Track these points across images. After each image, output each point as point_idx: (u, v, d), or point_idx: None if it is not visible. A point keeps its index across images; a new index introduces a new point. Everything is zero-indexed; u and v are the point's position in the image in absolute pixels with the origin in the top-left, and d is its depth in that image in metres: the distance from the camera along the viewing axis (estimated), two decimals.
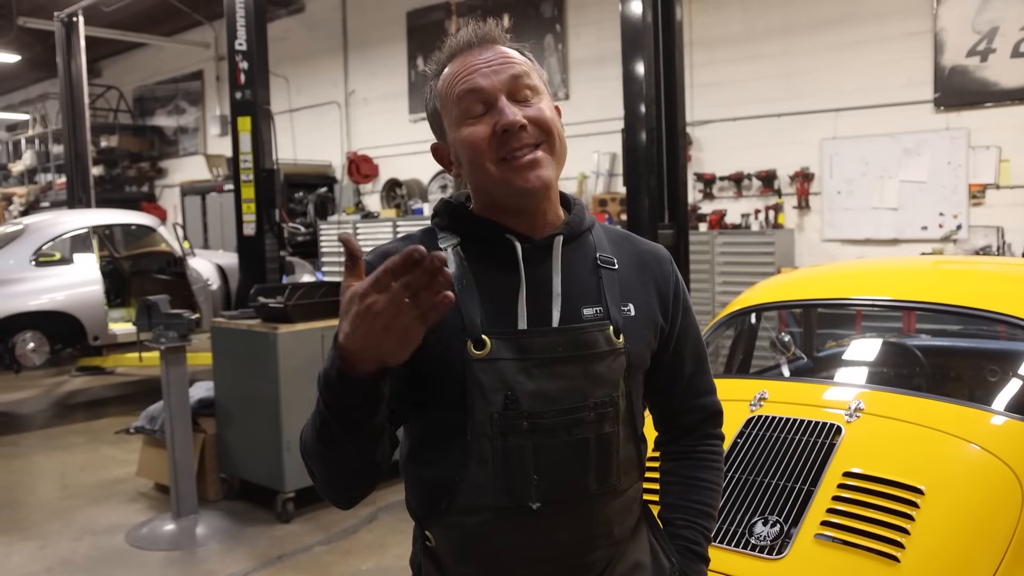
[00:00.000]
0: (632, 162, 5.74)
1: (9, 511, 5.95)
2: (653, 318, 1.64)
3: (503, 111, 1.47)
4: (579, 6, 10.74)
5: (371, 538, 5.23)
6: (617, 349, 1.54)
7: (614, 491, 1.56)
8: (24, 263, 8.57)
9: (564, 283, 1.54)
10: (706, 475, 1.76)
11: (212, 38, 16.10)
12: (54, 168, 18.04)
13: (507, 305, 1.52)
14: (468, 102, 1.50)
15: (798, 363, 4.15)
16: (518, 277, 1.53)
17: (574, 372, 1.50)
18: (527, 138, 1.48)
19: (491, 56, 1.51)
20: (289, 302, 5.54)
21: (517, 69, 1.51)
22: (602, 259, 1.61)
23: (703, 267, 8.26)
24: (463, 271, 1.53)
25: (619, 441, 1.55)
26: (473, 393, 1.47)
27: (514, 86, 1.50)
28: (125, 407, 8.96)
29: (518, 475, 1.48)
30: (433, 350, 1.48)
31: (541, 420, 1.48)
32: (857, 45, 8.41)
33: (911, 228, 8.16)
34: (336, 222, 12.07)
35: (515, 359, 1.48)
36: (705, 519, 1.73)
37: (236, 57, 7.53)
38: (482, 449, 1.48)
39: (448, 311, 1.42)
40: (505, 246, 1.55)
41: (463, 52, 1.54)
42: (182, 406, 5.39)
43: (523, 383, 1.48)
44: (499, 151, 1.48)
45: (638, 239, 1.74)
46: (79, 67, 11.77)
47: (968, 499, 2.33)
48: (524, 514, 1.49)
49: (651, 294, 1.65)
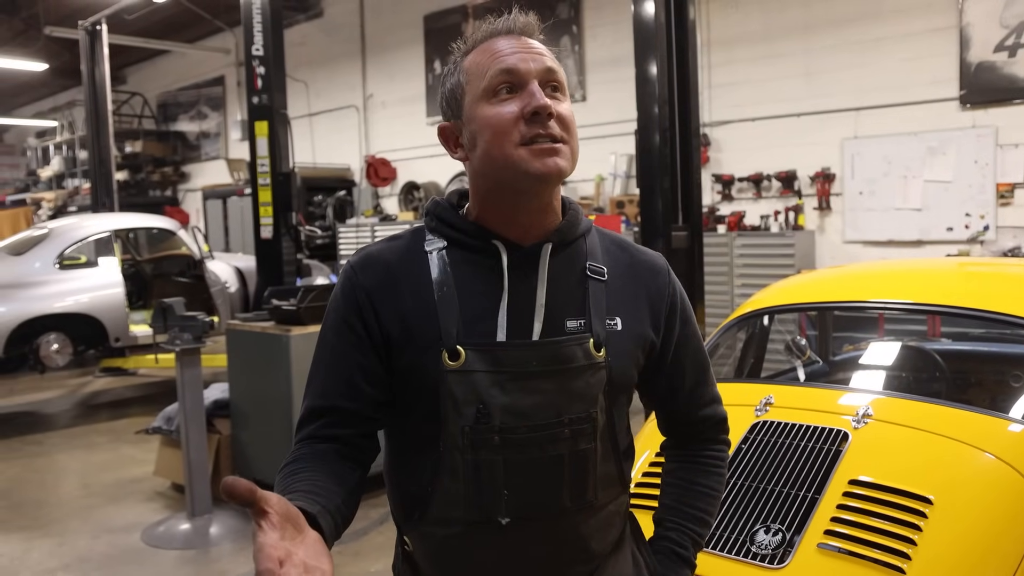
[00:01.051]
0: (646, 163, 5.69)
1: (31, 508, 6.00)
2: (641, 332, 1.58)
3: (535, 94, 1.43)
4: (595, 8, 10.70)
5: (381, 540, 5.21)
6: (597, 364, 1.50)
7: (590, 507, 1.52)
8: (48, 266, 8.68)
9: (549, 293, 1.50)
10: (705, 480, 1.73)
11: (233, 44, 16.20)
12: (81, 173, 18.24)
13: (488, 315, 1.47)
14: (500, 80, 1.45)
15: (813, 367, 4.07)
16: (501, 286, 1.49)
17: (549, 387, 1.46)
18: (552, 129, 1.44)
19: (528, 46, 1.48)
20: (301, 304, 5.54)
21: (552, 63, 1.49)
22: (591, 269, 1.56)
23: (721, 269, 8.19)
24: (445, 277, 1.49)
25: (596, 458, 1.51)
26: (446, 404, 1.44)
27: (547, 78, 1.47)
28: (146, 408, 9.00)
29: (488, 490, 1.45)
30: (409, 359, 1.47)
31: (513, 435, 1.44)
32: (879, 42, 8.31)
33: (936, 229, 8.04)
34: (354, 225, 12.09)
35: (489, 371, 1.44)
36: (697, 524, 1.70)
37: (253, 62, 7.56)
38: (453, 462, 1.45)
39: (425, 319, 1.41)
40: (492, 253, 1.51)
41: (502, 35, 1.50)
42: (197, 407, 5.41)
43: (495, 397, 1.44)
44: (524, 134, 1.43)
45: (636, 248, 1.69)
46: (103, 74, 11.91)
47: (979, 510, 2.24)
48: (494, 529, 1.46)
49: (642, 307, 1.60)
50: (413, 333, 1.47)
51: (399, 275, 1.51)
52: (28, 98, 22.58)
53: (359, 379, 1.50)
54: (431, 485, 1.47)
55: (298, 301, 5.58)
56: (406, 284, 1.50)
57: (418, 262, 1.51)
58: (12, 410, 9.44)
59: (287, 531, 1.14)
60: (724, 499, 2.41)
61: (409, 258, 1.53)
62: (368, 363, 1.50)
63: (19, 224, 17.60)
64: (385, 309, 1.49)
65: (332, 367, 1.52)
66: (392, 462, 1.58)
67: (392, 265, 1.52)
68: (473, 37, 1.53)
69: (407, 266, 1.52)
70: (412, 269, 1.51)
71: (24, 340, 8.36)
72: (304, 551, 1.13)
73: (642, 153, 5.73)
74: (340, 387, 1.50)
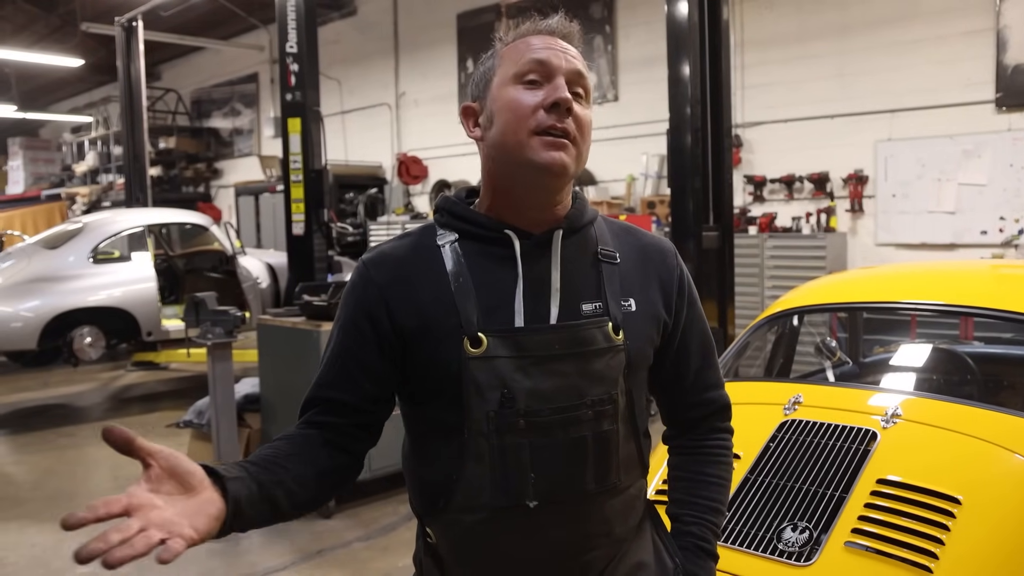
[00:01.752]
0: (677, 163, 5.69)
1: (63, 500, 6.06)
2: (655, 313, 1.61)
3: (559, 87, 1.47)
4: (629, 7, 10.68)
5: (409, 536, 5.20)
6: (616, 346, 1.52)
7: (613, 489, 1.54)
8: (83, 260, 8.78)
9: (563, 278, 1.52)
10: (714, 470, 1.72)
11: (267, 41, 16.29)
12: (115, 169, 18.40)
13: (504, 302, 1.50)
14: (530, 68, 1.49)
15: (843, 368, 4.06)
16: (515, 273, 1.51)
17: (571, 370, 1.49)
18: (568, 126, 1.47)
19: (565, 47, 1.53)
20: (332, 300, 5.57)
21: (583, 69, 1.53)
22: (603, 253, 1.58)
23: (752, 271, 8.15)
24: (460, 268, 1.51)
25: (619, 439, 1.53)
26: (469, 391, 1.46)
27: (575, 80, 1.51)
28: (178, 402, 9.07)
29: (515, 474, 1.46)
30: (428, 350, 1.49)
31: (537, 418, 1.46)
32: (914, 44, 8.24)
33: (969, 232, 7.97)
34: (385, 222, 12.14)
35: (511, 357, 1.46)
36: (713, 515, 1.69)
37: (287, 59, 7.61)
38: (479, 448, 1.47)
39: (443, 310, 1.44)
40: (503, 242, 1.53)
41: (543, 33, 1.54)
42: (228, 401, 5.46)
43: (519, 381, 1.46)
44: (540, 122, 1.46)
45: (641, 231, 1.72)
46: (138, 70, 12.02)
47: (1008, 511, 2.23)
48: (521, 513, 1.47)
49: (653, 288, 1.62)
50: (431, 324, 1.49)
51: (413, 270, 1.53)
52: (64, 94, 22.80)
53: (358, 374, 1.53)
54: (456, 472, 1.49)
55: (329, 297, 5.60)
56: (421, 278, 1.52)
57: (431, 256, 1.54)
58: (45, 402, 9.55)
59: (165, 485, 1.22)
60: (751, 496, 2.42)
61: (421, 253, 1.55)
62: (370, 360, 1.53)
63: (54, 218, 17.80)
64: (399, 305, 1.52)
65: (333, 361, 1.56)
66: (413, 453, 1.60)
67: (405, 261, 1.55)
68: (516, 31, 1.57)
69: (420, 261, 1.54)
70: (425, 263, 1.53)
71: (58, 333, 8.47)
72: (176, 509, 1.21)
73: (674, 153, 5.74)
74: (338, 380, 1.55)
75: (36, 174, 22.39)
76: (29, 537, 5.35)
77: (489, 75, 1.55)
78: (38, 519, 5.67)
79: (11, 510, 5.87)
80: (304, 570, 4.78)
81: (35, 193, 21.14)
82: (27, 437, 7.94)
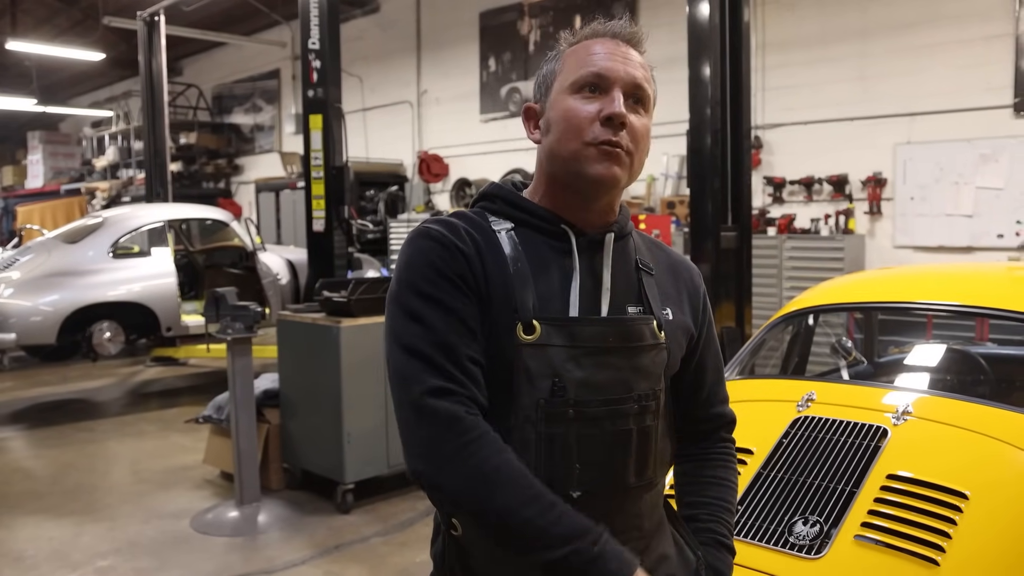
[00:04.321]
0: (696, 164, 5.71)
1: (83, 493, 6.13)
2: (686, 324, 1.68)
3: (615, 100, 1.49)
4: (651, 8, 10.71)
5: (427, 531, 5.23)
6: (660, 344, 1.57)
7: (649, 484, 1.58)
8: (103, 255, 8.81)
9: (612, 280, 1.57)
10: (723, 473, 1.78)
11: (289, 37, 16.34)
12: (135, 164, 18.46)
13: (559, 293, 1.52)
14: (588, 79, 1.51)
15: (858, 368, 4.08)
16: (571, 266, 1.54)
17: (621, 363, 1.52)
18: (621, 140, 1.50)
19: (629, 54, 1.55)
20: (352, 296, 5.60)
21: (643, 78, 1.54)
22: (641, 263, 1.64)
23: (770, 271, 8.17)
24: (518, 254, 1.52)
25: (657, 435, 1.58)
26: (519, 378, 1.46)
27: (633, 91, 1.53)
28: (196, 397, 9.14)
29: (561, 463, 1.47)
30: (488, 328, 1.48)
31: (587, 409, 1.48)
32: (934, 48, 8.24)
33: (987, 236, 7.97)
34: (406, 220, 12.18)
35: (565, 346, 1.48)
36: (727, 514, 1.75)
37: (309, 56, 7.65)
38: (525, 435, 1.47)
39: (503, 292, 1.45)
40: (560, 236, 1.56)
41: (607, 37, 1.56)
42: (247, 396, 5.49)
43: (571, 371, 1.48)
44: (596, 135, 1.49)
45: (669, 249, 1.80)
46: (160, 65, 12.06)
47: (1016, 507, 2.27)
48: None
49: (684, 301, 1.70)
50: (494, 303, 1.48)
51: (482, 246, 1.51)
52: (85, 88, 22.87)
53: (476, 347, 1.46)
54: None
55: (349, 293, 5.64)
56: (487, 256, 1.50)
57: (490, 238, 1.54)
58: (64, 397, 9.66)
59: None
60: (764, 491, 2.46)
61: (481, 233, 1.54)
62: (477, 328, 1.47)
63: (73, 213, 17.93)
64: (481, 273, 1.48)
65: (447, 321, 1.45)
66: None
67: (474, 236, 1.52)
68: (582, 31, 1.59)
69: (484, 239, 1.53)
70: (487, 242, 1.52)
71: (77, 328, 8.50)
72: None
73: (693, 154, 5.76)
74: (461, 359, 1.44)
75: (56, 168, 22.47)
76: (48, 531, 5.41)
77: (550, 79, 1.59)
78: (57, 513, 5.73)
79: (30, 504, 5.94)
80: (322, 565, 4.83)
81: (55, 187, 21.26)
82: (46, 432, 8.02)
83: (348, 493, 5.59)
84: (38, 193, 21.55)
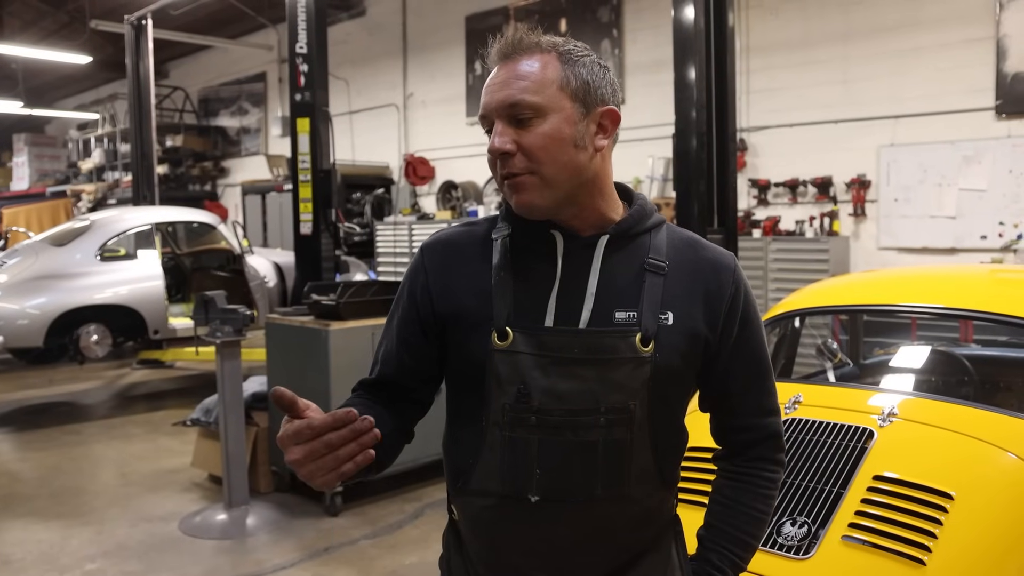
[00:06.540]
0: (683, 167, 5.75)
1: (71, 497, 6.13)
2: (693, 328, 1.57)
3: (494, 135, 1.51)
4: (636, 11, 10.74)
5: (416, 533, 5.29)
6: (642, 357, 1.51)
7: (625, 499, 1.55)
8: (90, 258, 8.81)
9: (601, 284, 1.54)
10: (752, 501, 1.68)
11: (275, 41, 16.32)
12: (121, 166, 18.41)
13: (539, 299, 1.54)
14: (480, 119, 1.56)
15: (844, 369, 4.12)
16: (554, 272, 1.56)
17: (589, 375, 1.51)
18: (512, 166, 1.50)
19: (506, 76, 1.51)
20: (341, 300, 5.62)
21: (519, 91, 1.49)
22: (650, 263, 1.57)
23: (756, 274, 8.21)
24: (505, 262, 1.57)
25: (632, 449, 1.53)
26: (490, 382, 1.53)
27: (510, 111, 1.50)
28: (183, 400, 9.14)
29: (521, 467, 1.52)
30: (462, 336, 1.58)
31: (549, 417, 1.51)
32: (917, 51, 8.30)
33: (970, 237, 8.03)
34: (392, 223, 12.18)
35: (533, 354, 1.51)
36: (740, 548, 1.67)
37: (297, 59, 7.64)
38: (492, 437, 1.54)
39: (480, 301, 1.54)
40: (549, 240, 1.58)
41: (496, 64, 1.55)
42: (236, 399, 5.50)
43: (537, 379, 1.51)
44: (498, 171, 1.53)
45: (706, 245, 1.67)
46: (147, 68, 12.03)
47: (1000, 507, 2.31)
48: (524, 505, 1.52)
49: (696, 303, 1.58)
50: (466, 314, 1.58)
51: (463, 259, 1.63)
52: (70, 90, 22.76)
53: (401, 348, 1.67)
54: (473, 457, 1.57)
55: (338, 296, 5.66)
56: (468, 267, 1.61)
57: (483, 248, 1.62)
58: (51, 400, 9.63)
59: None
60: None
61: (476, 244, 1.64)
62: (413, 339, 1.66)
63: (59, 215, 17.85)
64: (441, 290, 1.62)
65: (387, 335, 1.72)
66: (446, 432, 1.69)
67: (459, 249, 1.65)
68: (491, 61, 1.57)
69: (474, 250, 1.63)
70: (477, 254, 1.62)
71: (64, 330, 8.49)
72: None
73: (679, 157, 5.79)
74: (386, 355, 1.70)
75: (41, 171, 22.37)
76: (35, 534, 5.41)
77: None
78: (44, 516, 5.73)
79: (17, 507, 5.93)
80: (311, 567, 4.84)
81: (40, 190, 21.16)
82: (33, 434, 8.02)
83: (337, 496, 5.60)
84: (24, 195, 21.42)
